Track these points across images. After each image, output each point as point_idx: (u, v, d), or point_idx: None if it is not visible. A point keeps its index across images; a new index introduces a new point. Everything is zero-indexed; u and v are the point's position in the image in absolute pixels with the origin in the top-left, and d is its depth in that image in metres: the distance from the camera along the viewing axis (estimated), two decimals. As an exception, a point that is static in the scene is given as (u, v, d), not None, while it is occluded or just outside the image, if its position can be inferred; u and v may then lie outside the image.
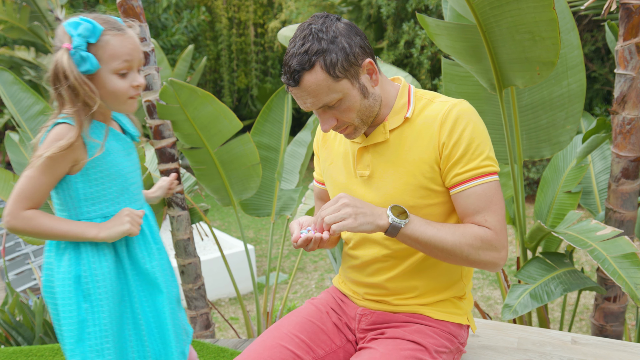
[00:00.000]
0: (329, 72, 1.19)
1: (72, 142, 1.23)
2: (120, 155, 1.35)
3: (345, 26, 1.23)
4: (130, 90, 1.27)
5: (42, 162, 1.24)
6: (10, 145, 3.39)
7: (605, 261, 1.77)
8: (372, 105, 1.28)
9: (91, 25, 1.19)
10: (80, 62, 1.20)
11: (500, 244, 1.25)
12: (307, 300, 1.52)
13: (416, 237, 1.22)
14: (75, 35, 1.19)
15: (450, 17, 2.24)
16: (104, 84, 1.25)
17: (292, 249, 6.21)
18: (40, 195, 1.26)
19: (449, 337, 1.36)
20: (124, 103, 1.29)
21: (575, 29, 2.10)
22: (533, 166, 6.45)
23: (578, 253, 5.15)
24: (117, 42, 1.23)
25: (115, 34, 1.24)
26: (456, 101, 1.29)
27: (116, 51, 1.23)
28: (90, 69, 1.21)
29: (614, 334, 2.39)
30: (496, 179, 1.27)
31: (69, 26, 1.20)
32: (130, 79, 1.27)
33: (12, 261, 6.47)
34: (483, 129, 1.28)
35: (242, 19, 11.23)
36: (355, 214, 1.18)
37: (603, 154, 2.72)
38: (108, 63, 1.23)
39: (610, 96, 6.51)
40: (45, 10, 6.89)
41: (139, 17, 2.59)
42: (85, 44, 1.20)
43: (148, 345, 1.38)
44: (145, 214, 1.40)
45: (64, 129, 1.24)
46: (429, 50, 6.91)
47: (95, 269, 1.30)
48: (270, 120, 3.12)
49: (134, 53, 1.26)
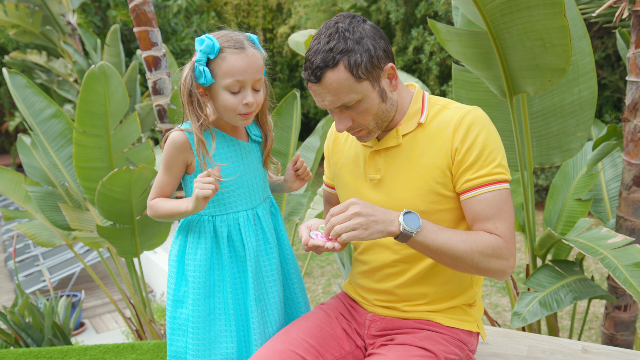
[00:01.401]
0: (352, 72, 1.19)
1: (178, 147, 1.38)
2: (229, 159, 1.42)
3: (371, 28, 1.23)
4: (240, 107, 1.33)
5: (162, 163, 1.43)
6: (22, 148, 3.43)
7: (617, 269, 1.76)
8: (389, 110, 1.29)
9: (212, 43, 1.30)
10: (199, 75, 1.32)
11: (509, 252, 1.25)
12: (316, 306, 1.52)
13: (427, 244, 1.21)
14: (199, 51, 1.31)
15: (461, 23, 2.25)
16: (217, 97, 1.34)
17: (299, 253, 6.20)
18: (164, 190, 1.45)
19: (458, 344, 1.36)
20: (233, 118, 1.37)
21: (586, 36, 2.10)
22: (542, 173, 6.41)
23: (587, 261, 5.11)
24: (232, 60, 1.30)
25: (233, 52, 1.31)
26: (470, 108, 1.29)
27: (229, 68, 1.30)
28: (205, 82, 1.32)
29: (625, 343, 2.37)
30: (507, 187, 1.26)
31: (197, 42, 1.33)
32: (241, 97, 1.33)
33: (22, 263, 6.52)
34: (496, 136, 1.28)
35: (251, 24, 11.29)
36: (367, 224, 1.17)
37: (614, 161, 2.70)
38: (221, 79, 1.32)
39: (621, 103, 6.47)
40: (57, 15, 6.96)
41: (150, 23, 2.62)
42: (205, 59, 1.31)
43: (235, 343, 1.44)
44: (256, 209, 1.48)
45: (175, 135, 1.39)
46: (438, 56, 6.91)
47: (194, 257, 1.44)
48: (279, 125, 3.13)
49: (247, 72, 1.31)
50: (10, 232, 7.67)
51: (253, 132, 1.48)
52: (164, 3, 9.31)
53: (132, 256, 2.96)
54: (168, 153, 1.40)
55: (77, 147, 2.65)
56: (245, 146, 1.45)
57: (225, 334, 1.43)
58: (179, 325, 1.45)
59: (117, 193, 2.54)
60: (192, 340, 1.42)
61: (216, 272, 1.44)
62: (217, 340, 1.43)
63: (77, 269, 5.96)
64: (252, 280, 1.43)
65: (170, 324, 1.47)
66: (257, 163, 1.48)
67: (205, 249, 1.43)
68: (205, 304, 1.43)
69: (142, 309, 3.32)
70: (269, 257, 1.48)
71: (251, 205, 1.46)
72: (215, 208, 1.43)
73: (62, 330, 3.24)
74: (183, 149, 1.38)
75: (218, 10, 11.28)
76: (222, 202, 1.43)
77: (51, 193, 3.16)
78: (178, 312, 1.45)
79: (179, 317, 1.45)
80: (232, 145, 1.43)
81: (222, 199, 1.42)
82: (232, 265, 1.45)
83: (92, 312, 5.66)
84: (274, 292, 1.47)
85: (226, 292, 1.44)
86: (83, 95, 2.55)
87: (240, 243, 1.44)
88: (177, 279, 1.46)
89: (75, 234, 3.05)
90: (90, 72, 2.51)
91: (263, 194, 1.50)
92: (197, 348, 1.42)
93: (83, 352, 2.71)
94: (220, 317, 1.43)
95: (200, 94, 1.35)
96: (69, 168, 3.02)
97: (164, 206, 1.43)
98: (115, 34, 6.13)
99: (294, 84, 11.69)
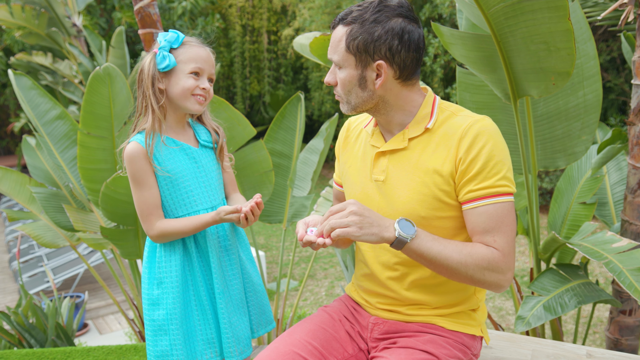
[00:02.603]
0: (346, 38, 1.25)
1: (139, 157, 1.46)
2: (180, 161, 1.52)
3: (398, 25, 1.23)
4: (197, 89, 1.48)
5: (132, 182, 1.49)
6: (27, 149, 3.44)
7: (622, 274, 1.75)
8: (365, 99, 1.30)
9: (176, 35, 1.47)
10: (161, 60, 1.45)
11: (507, 266, 1.24)
12: (320, 308, 1.52)
13: (421, 252, 1.21)
14: (163, 40, 1.46)
15: (465, 26, 2.24)
16: (177, 82, 1.46)
17: (302, 255, 6.20)
18: (154, 203, 1.50)
19: (462, 348, 1.35)
20: (189, 100, 1.48)
21: (591, 39, 2.09)
22: (546, 176, 6.40)
23: (592, 264, 5.09)
24: (195, 49, 1.48)
25: (195, 44, 1.49)
26: (479, 117, 1.28)
27: (193, 56, 1.47)
28: (169, 64, 1.45)
29: (629, 348, 2.36)
30: (510, 199, 1.25)
31: (160, 35, 1.47)
32: (199, 82, 1.48)
33: (26, 263, 6.53)
34: (503, 148, 1.26)
35: (255, 27, 11.32)
36: (361, 223, 1.18)
37: (619, 165, 2.69)
38: (185, 64, 1.46)
39: (625, 106, 6.45)
40: (62, 17, 6.99)
41: (155, 25, 2.62)
42: (169, 47, 1.46)
43: (213, 329, 1.54)
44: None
45: (130, 148, 1.47)
46: (442, 59, 6.91)
47: (166, 263, 1.52)
48: (283, 127, 3.13)
49: (207, 62, 1.49)
50: (14, 232, 7.69)
51: (202, 138, 1.58)
52: (169, 5, 9.35)
53: (136, 257, 2.97)
54: (134, 167, 1.47)
55: (81, 149, 2.66)
56: (195, 151, 1.55)
57: (203, 322, 1.54)
58: (159, 326, 1.51)
59: (120, 194, 2.55)
60: (175, 337, 1.49)
61: (187, 269, 1.54)
62: (197, 330, 1.54)
63: (81, 270, 5.97)
64: (217, 272, 1.53)
65: (150, 326, 1.53)
66: (210, 165, 1.57)
67: (178, 251, 1.52)
68: (182, 300, 1.51)
69: (145, 311, 3.32)
70: (227, 253, 1.58)
71: (210, 204, 1.56)
72: (177, 209, 1.53)
73: (65, 331, 3.24)
74: (144, 156, 1.46)
75: (223, 12, 11.30)
76: (182, 203, 1.52)
77: (55, 194, 3.17)
78: (155, 314, 1.51)
79: (157, 319, 1.51)
80: (183, 149, 1.53)
81: (181, 199, 1.52)
82: (199, 260, 1.55)
83: (95, 313, 5.68)
84: (236, 283, 1.59)
85: (197, 284, 1.54)
86: (87, 97, 2.56)
87: (203, 239, 1.54)
88: (150, 282, 1.54)
89: (79, 235, 3.06)
90: (94, 73, 2.51)
91: (220, 193, 1.60)
92: (181, 342, 1.50)
93: (86, 354, 2.71)
94: (195, 309, 1.54)
95: (156, 80, 1.46)
96: (73, 169, 3.02)
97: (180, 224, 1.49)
98: (121, 36, 6.15)
99: (298, 86, 11.70)
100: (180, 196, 1.52)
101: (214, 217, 1.48)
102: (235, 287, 1.59)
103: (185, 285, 1.53)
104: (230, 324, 1.54)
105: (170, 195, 1.51)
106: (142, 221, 1.50)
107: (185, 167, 1.52)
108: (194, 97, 1.48)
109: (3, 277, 6.62)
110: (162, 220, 1.51)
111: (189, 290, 1.54)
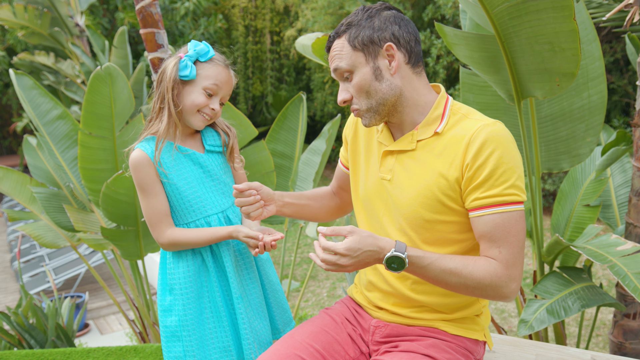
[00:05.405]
0: (349, 40, 1.25)
1: (144, 164, 1.44)
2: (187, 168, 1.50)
3: (391, 14, 1.27)
4: (206, 108, 1.47)
5: (139, 189, 1.47)
6: (28, 149, 3.43)
7: (626, 277, 1.73)
8: (386, 92, 1.26)
9: (207, 49, 1.46)
10: (183, 68, 1.44)
11: (509, 278, 1.22)
12: (321, 310, 1.50)
13: (417, 276, 1.26)
14: (192, 49, 1.45)
15: (469, 27, 2.23)
16: (189, 94, 1.45)
17: (304, 256, 6.19)
18: (163, 210, 1.48)
19: (464, 353, 1.33)
20: (194, 116, 1.47)
21: (596, 40, 2.07)
22: (549, 178, 6.37)
23: (595, 267, 5.06)
24: (218, 69, 1.47)
25: (220, 64, 1.48)
26: (490, 122, 1.25)
27: (215, 74, 1.46)
28: (188, 75, 1.43)
29: (634, 352, 2.33)
30: (520, 208, 1.22)
31: (193, 42, 1.47)
32: (211, 101, 1.47)
33: (27, 263, 6.53)
34: (513, 155, 1.23)
35: (258, 27, 11.31)
36: (354, 266, 1.20)
37: (623, 167, 2.67)
38: (204, 79, 1.45)
39: (629, 108, 6.43)
40: (65, 17, 6.99)
41: (157, 24, 2.61)
42: (195, 58, 1.45)
43: (229, 336, 1.51)
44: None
45: (135, 156, 1.45)
46: (445, 60, 6.89)
47: (177, 266, 1.50)
48: (285, 128, 3.11)
49: (226, 85, 1.49)
50: (15, 232, 7.70)
51: (209, 143, 1.56)
52: (172, 5, 9.35)
53: (136, 258, 2.96)
54: (139, 176, 1.45)
55: (82, 149, 2.65)
56: (200, 156, 1.53)
57: (219, 330, 1.51)
58: (171, 332, 1.50)
59: (121, 195, 2.54)
60: (188, 344, 1.47)
61: (203, 276, 1.52)
62: (212, 337, 1.50)
63: (82, 270, 5.96)
64: (234, 277, 1.50)
65: (164, 333, 1.52)
66: (217, 170, 1.55)
67: (187, 257, 1.50)
68: (195, 307, 1.49)
69: (145, 312, 3.31)
70: (242, 256, 1.55)
71: (220, 208, 1.53)
72: (186, 216, 1.51)
73: (65, 332, 3.23)
74: (148, 164, 1.45)
75: (225, 12, 11.30)
76: (191, 209, 1.50)
77: (56, 194, 3.16)
78: (168, 320, 1.51)
79: (170, 326, 1.50)
80: (189, 156, 1.51)
81: (190, 205, 1.50)
82: (215, 266, 1.52)
83: (96, 313, 5.67)
84: (255, 286, 1.56)
85: (213, 291, 1.51)
86: (89, 97, 2.55)
87: (217, 244, 1.51)
88: (162, 289, 1.53)
89: (80, 236, 3.05)
90: (95, 73, 2.50)
91: (230, 197, 1.56)
92: (195, 349, 1.48)
93: (86, 355, 2.70)
94: (210, 316, 1.51)
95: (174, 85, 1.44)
96: (74, 169, 3.01)
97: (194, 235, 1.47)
98: (123, 36, 6.14)
99: (300, 87, 11.70)
100: (189, 202, 1.49)
101: (230, 234, 1.46)
102: (253, 290, 1.56)
103: (199, 292, 1.51)
104: (251, 329, 1.51)
105: (179, 201, 1.50)
106: (151, 229, 1.49)
107: (193, 173, 1.50)
108: (200, 114, 1.47)
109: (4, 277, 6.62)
110: (173, 228, 1.49)
111: (204, 296, 1.51)
